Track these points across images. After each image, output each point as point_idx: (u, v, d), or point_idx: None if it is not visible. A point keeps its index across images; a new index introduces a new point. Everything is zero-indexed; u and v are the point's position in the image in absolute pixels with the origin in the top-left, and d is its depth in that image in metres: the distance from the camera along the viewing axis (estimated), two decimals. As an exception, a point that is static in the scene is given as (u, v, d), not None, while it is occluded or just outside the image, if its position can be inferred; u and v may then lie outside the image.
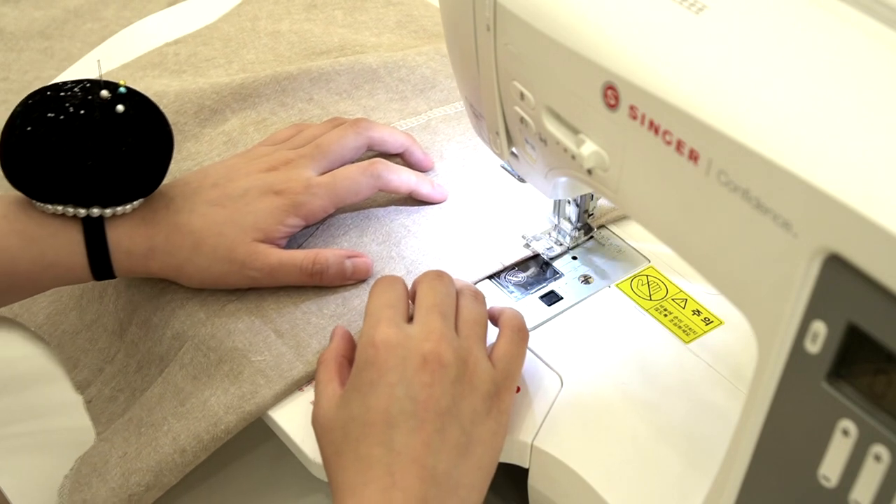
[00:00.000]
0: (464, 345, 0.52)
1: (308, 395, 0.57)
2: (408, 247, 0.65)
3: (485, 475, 0.50)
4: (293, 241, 0.64)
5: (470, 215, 0.67)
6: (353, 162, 0.65)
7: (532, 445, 0.54)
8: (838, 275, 0.35)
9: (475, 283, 0.63)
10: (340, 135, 0.65)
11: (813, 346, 0.37)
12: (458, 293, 0.55)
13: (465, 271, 0.63)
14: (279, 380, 0.57)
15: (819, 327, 0.37)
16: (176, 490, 0.57)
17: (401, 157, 0.69)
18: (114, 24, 0.90)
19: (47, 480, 0.59)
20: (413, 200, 0.68)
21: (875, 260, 0.34)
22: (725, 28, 0.41)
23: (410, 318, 0.53)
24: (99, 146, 0.55)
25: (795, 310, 0.37)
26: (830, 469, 0.38)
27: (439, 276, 0.55)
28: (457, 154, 0.72)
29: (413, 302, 0.55)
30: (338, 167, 0.64)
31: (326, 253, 0.61)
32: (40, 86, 0.67)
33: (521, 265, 0.64)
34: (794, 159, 0.36)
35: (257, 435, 0.59)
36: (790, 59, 0.39)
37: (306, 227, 0.63)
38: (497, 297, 0.62)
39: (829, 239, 0.35)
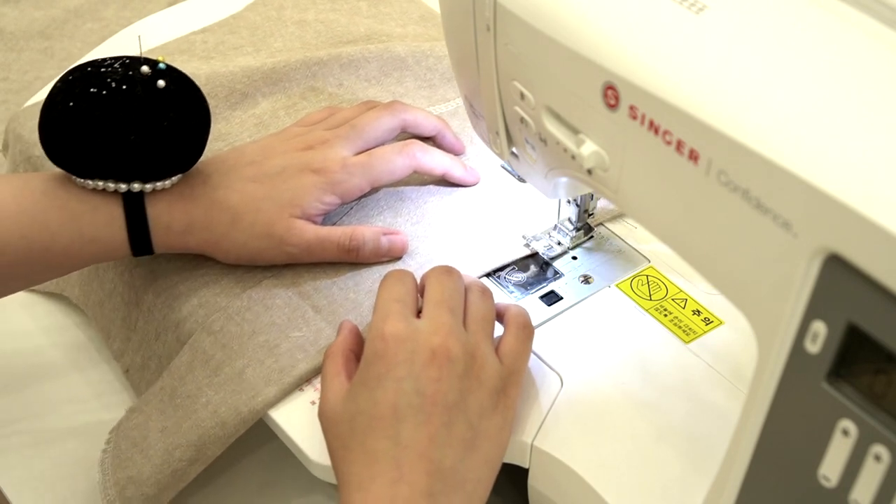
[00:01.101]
0: (472, 340, 0.52)
1: (308, 394, 0.57)
2: (437, 229, 0.66)
3: (491, 469, 0.51)
4: (327, 220, 0.65)
5: (470, 215, 0.67)
6: (387, 143, 0.66)
7: (532, 445, 0.54)
8: (838, 275, 0.35)
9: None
10: (375, 116, 0.66)
11: (813, 346, 0.37)
12: (466, 289, 0.56)
13: (465, 269, 0.63)
14: (318, 355, 0.57)
15: (819, 327, 0.37)
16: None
17: (433, 140, 0.70)
18: (114, 24, 0.90)
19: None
20: (445, 182, 0.69)
21: (875, 260, 0.34)
22: (725, 28, 0.41)
23: (419, 313, 0.53)
24: (141, 121, 0.56)
25: (795, 310, 0.37)
26: (830, 469, 0.38)
27: (448, 272, 0.55)
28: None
29: (422, 297, 0.55)
30: (373, 148, 0.65)
31: (363, 229, 0.62)
32: (41, 86, 0.67)
33: (521, 265, 0.64)
34: (794, 159, 0.36)
35: (257, 436, 0.59)
36: (790, 58, 0.39)
37: (342, 205, 0.64)
38: (497, 296, 0.62)
39: (829, 239, 0.35)
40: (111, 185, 0.57)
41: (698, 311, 0.61)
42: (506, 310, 0.56)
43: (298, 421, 0.56)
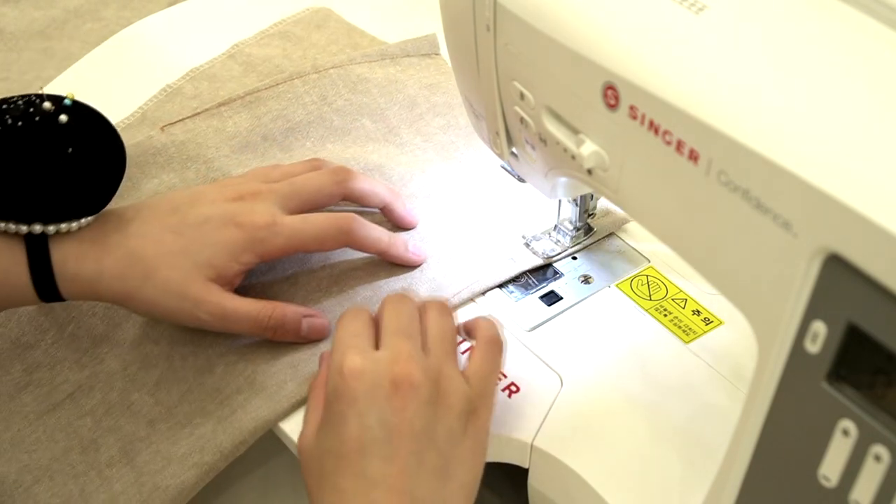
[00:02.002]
0: (433, 363, 0.50)
1: None
2: (437, 229, 0.65)
3: (468, 495, 0.49)
4: (255, 279, 0.62)
5: (470, 215, 0.67)
6: (325, 208, 0.63)
7: (532, 445, 0.54)
8: (838, 275, 0.35)
9: (483, 292, 0.63)
10: (318, 178, 0.62)
11: (813, 346, 0.37)
12: (423, 309, 0.53)
13: (469, 279, 0.63)
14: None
15: (819, 327, 0.37)
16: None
17: (382, 213, 0.66)
18: (114, 24, 0.90)
19: None
20: (446, 182, 0.66)
21: (875, 260, 0.34)
22: (725, 28, 0.41)
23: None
24: (37, 156, 0.53)
25: (795, 310, 0.37)
26: (830, 469, 0.38)
27: (401, 298, 0.53)
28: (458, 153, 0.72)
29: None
30: (308, 210, 0.61)
31: (284, 308, 0.59)
32: (40, 86, 0.67)
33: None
34: (794, 159, 0.36)
35: (262, 450, 0.59)
36: (790, 59, 0.39)
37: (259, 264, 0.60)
38: (497, 297, 0.62)
39: (829, 239, 0.35)
40: (12, 227, 0.54)
41: (698, 311, 0.61)
42: (474, 324, 0.54)
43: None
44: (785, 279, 0.37)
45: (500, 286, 0.63)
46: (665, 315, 0.61)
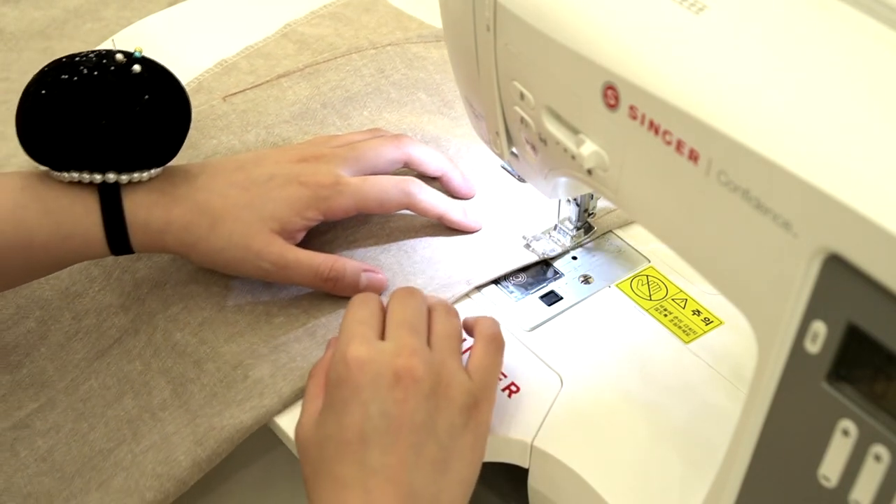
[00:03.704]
0: (437, 358, 0.50)
1: None
2: (437, 230, 0.65)
3: (465, 489, 0.49)
4: (315, 238, 0.63)
5: (470, 216, 0.67)
6: (387, 174, 0.64)
7: (532, 445, 0.54)
8: (838, 275, 0.35)
9: (479, 288, 0.63)
10: (379, 143, 0.64)
11: (813, 346, 0.37)
12: (430, 309, 0.54)
13: (468, 276, 0.63)
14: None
15: (819, 327, 0.37)
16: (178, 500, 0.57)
17: (439, 182, 0.68)
18: (114, 24, 0.90)
19: None
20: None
21: (875, 260, 0.34)
22: (725, 28, 0.41)
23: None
24: (112, 105, 0.55)
25: (795, 310, 0.37)
26: (830, 469, 0.38)
27: (410, 293, 0.54)
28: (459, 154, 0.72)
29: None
30: (369, 174, 0.63)
31: (345, 262, 0.61)
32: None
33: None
34: (794, 159, 0.36)
35: (260, 443, 0.59)
36: (790, 59, 0.39)
37: (324, 222, 0.62)
38: (497, 297, 0.62)
39: (829, 239, 0.35)
40: (86, 177, 0.56)
41: (698, 311, 0.61)
42: (475, 322, 0.55)
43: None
44: (785, 279, 0.37)
45: (501, 286, 0.63)
46: (665, 315, 0.61)
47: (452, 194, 0.68)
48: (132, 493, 0.55)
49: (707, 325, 0.60)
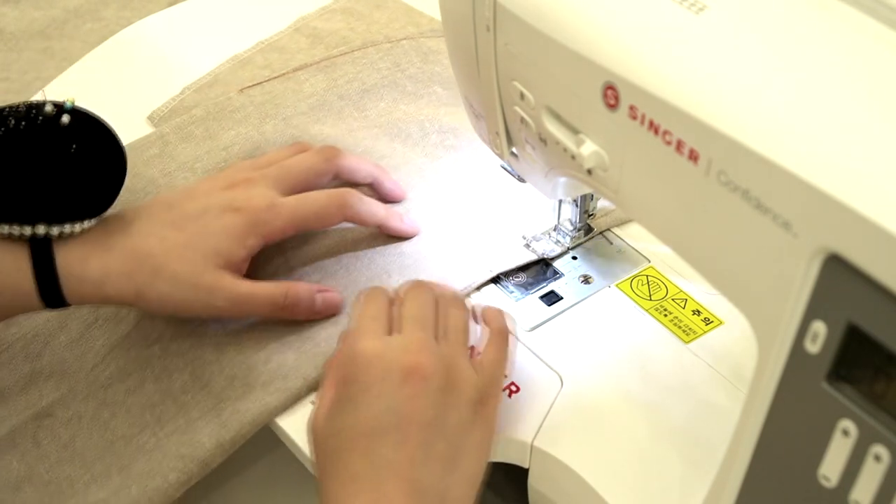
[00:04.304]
0: (446, 353, 0.51)
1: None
2: (437, 230, 0.65)
3: (473, 485, 0.50)
4: (258, 270, 0.63)
5: (470, 216, 0.67)
6: (318, 188, 0.63)
7: (532, 445, 0.54)
8: (838, 275, 0.35)
9: (477, 287, 0.63)
10: (307, 158, 0.63)
11: (813, 346, 0.37)
12: (438, 300, 0.54)
13: (467, 275, 0.63)
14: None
15: (819, 327, 0.37)
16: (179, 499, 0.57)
17: (370, 188, 0.67)
18: (114, 24, 0.90)
19: None
20: (445, 184, 0.67)
21: (875, 260, 0.34)
22: (725, 28, 0.41)
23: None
24: (39, 156, 0.54)
25: (795, 310, 0.37)
26: (830, 469, 0.38)
27: (419, 286, 0.54)
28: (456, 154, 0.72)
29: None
30: (301, 191, 0.62)
31: (298, 287, 0.60)
32: (41, 86, 0.67)
33: (521, 265, 0.64)
34: (794, 159, 0.36)
35: (262, 443, 0.59)
36: (790, 59, 0.39)
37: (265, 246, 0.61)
38: (497, 297, 0.62)
39: (829, 239, 0.35)
40: (16, 230, 0.54)
41: (698, 311, 0.61)
42: (483, 312, 0.55)
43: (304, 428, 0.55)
44: (785, 279, 0.37)
45: (501, 286, 0.63)
46: (665, 315, 0.61)
47: (385, 199, 0.67)
48: (154, 476, 0.55)
49: (707, 325, 0.60)
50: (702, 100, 0.39)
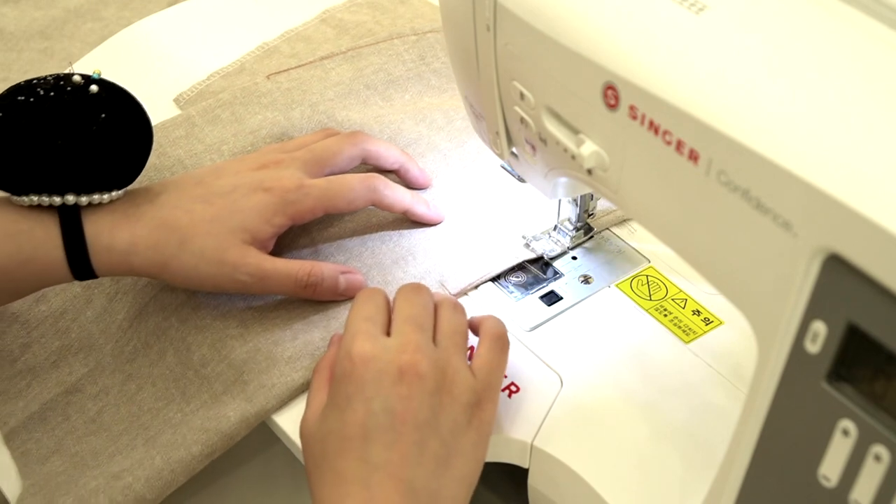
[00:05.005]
0: (442, 355, 0.51)
1: None
2: (437, 230, 0.66)
3: (467, 486, 0.49)
4: (284, 251, 0.63)
5: (470, 215, 0.67)
6: (346, 172, 0.64)
7: (532, 445, 0.54)
8: (838, 275, 0.35)
9: (476, 287, 0.63)
10: (336, 142, 0.64)
11: (813, 346, 0.37)
12: (437, 305, 0.54)
13: (467, 274, 0.63)
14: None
15: (819, 327, 0.37)
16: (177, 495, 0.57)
17: (396, 174, 0.68)
18: (114, 24, 0.90)
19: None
20: (444, 185, 0.67)
21: (875, 260, 0.34)
22: (725, 28, 0.41)
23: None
24: (69, 124, 0.54)
25: (795, 310, 0.37)
26: (830, 469, 0.38)
27: (416, 289, 0.54)
28: (456, 154, 0.72)
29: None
30: (329, 174, 0.63)
31: (322, 266, 0.60)
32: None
33: (521, 265, 0.64)
34: (794, 159, 0.36)
35: (259, 441, 0.59)
36: (790, 59, 0.39)
37: (292, 226, 0.62)
38: (497, 297, 0.62)
39: (829, 239, 0.35)
40: (45, 200, 0.55)
41: (698, 311, 0.61)
42: (481, 321, 0.55)
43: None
44: (785, 279, 0.37)
45: (501, 286, 0.63)
46: (665, 315, 0.61)
47: (410, 186, 0.68)
48: (178, 447, 0.55)
49: (707, 325, 0.60)
50: (702, 100, 0.39)
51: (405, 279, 0.63)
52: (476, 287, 0.63)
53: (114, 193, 0.57)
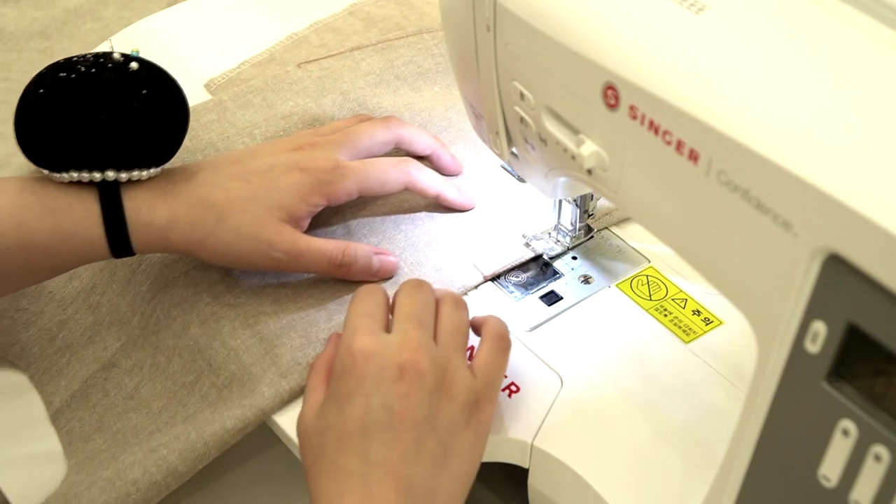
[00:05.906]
0: (442, 354, 0.51)
1: None
2: (437, 230, 0.66)
3: (464, 485, 0.50)
4: (320, 232, 0.64)
5: (470, 215, 0.67)
6: (379, 156, 0.65)
7: (532, 445, 0.54)
8: (838, 275, 0.35)
9: (476, 286, 0.63)
10: (370, 126, 0.65)
11: (813, 346, 0.37)
12: (438, 301, 0.54)
13: (466, 274, 0.63)
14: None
15: (819, 327, 0.37)
16: (175, 494, 0.57)
17: (428, 160, 0.69)
18: (114, 25, 0.90)
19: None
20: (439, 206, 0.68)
21: (875, 260, 0.34)
22: (725, 28, 0.41)
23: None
24: (110, 100, 0.55)
25: (795, 310, 0.37)
26: (830, 469, 0.38)
27: (418, 285, 0.54)
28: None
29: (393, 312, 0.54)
30: (364, 157, 0.64)
31: (356, 246, 0.61)
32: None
33: (521, 265, 0.64)
34: (794, 159, 0.36)
35: (259, 441, 0.59)
36: (790, 59, 0.39)
37: (327, 207, 0.62)
38: (497, 297, 0.62)
39: (829, 239, 0.35)
40: (86, 176, 0.56)
41: (698, 311, 0.61)
42: (483, 321, 0.55)
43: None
44: (785, 279, 0.37)
45: (501, 286, 0.63)
46: (665, 315, 0.61)
47: (442, 172, 0.69)
48: (213, 422, 0.56)
49: (707, 325, 0.60)
50: (702, 100, 0.39)
51: (437, 261, 0.63)
52: (478, 288, 0.63)
53: (152, 171, 0.58)
